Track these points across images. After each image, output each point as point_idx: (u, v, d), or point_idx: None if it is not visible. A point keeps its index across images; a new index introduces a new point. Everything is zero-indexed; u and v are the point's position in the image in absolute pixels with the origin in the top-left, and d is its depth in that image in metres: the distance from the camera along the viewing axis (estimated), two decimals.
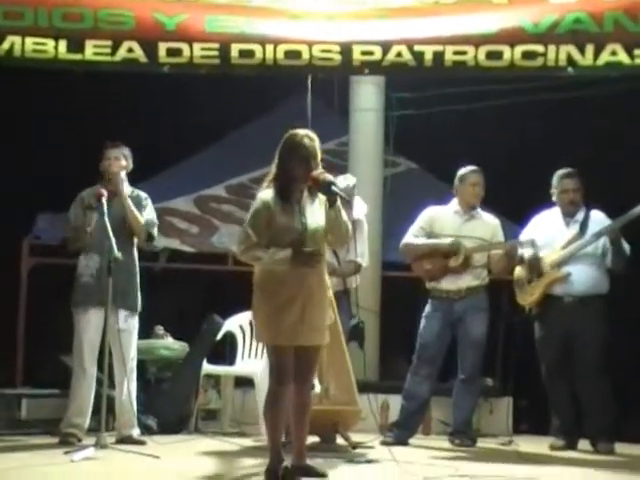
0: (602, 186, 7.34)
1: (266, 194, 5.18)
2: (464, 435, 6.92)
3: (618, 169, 8.99)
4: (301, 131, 5.25)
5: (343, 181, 6.55)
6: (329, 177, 5.16)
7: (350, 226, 5.31)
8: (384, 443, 6.73)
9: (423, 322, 7.00)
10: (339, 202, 5.16)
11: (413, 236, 7.04)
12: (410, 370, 7.00)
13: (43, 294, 8.95)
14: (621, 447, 6.71)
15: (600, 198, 7.00)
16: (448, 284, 6.92)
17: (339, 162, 8.97)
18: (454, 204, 7.06)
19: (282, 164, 5.20)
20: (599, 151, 9.12)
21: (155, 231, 6.81)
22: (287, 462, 5.14)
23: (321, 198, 5.20)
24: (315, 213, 5.20)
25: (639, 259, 6.77)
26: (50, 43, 6.50)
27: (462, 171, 7.03)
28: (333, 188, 5.14)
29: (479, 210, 7.09)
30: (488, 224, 7.04)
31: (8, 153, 9.24)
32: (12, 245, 9.10)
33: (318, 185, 5.15)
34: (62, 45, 6.51)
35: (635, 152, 8.82)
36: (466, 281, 6.91)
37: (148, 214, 6.75)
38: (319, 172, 5.16)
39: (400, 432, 6.93)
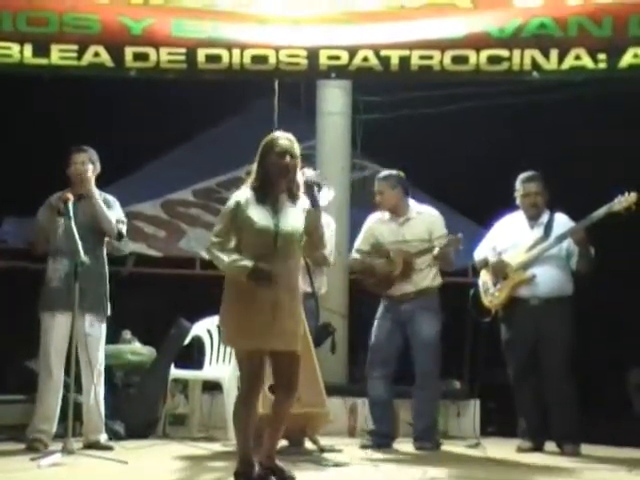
0: (567, 189, 7.39)
1: (241, 193, 5.19)
2: (426, 441, 6.87)
3: (583, 172, 9.05)
4: (280, 133, 5.27)
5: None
6: (313, 177, 5.24)
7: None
8: (363, 447, 6.73)
9: (375, 323, 7.04)
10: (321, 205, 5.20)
11: (357, 251, 7.09)
12: (365, 373, 7.04)
13: (8, 298, 8.88)
14: (587, 449, 6.75)
15: (564, 201, 7.04)
16: (396, 291, 6.94)
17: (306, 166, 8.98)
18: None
19: (259, 164, 5.21)
20: (566, 154, 9.17)
21: (124, 229, 6.78)
22: (256, 466, 5.13)
23: (302, 203, 5.22)
24: (292, 216, 5.17)
25: (602, 262, 6.82)
26: (15, 48, 6.47)
27: None
28: (314, 187, 5.23)
29: (412, 209, 7.02)
30: (424, 222, 6.97)
31: None
32: None
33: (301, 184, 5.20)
34: (27, 50, 6.49)
35: (598, 155, 8.88)
36: (413, 285, 6.91)
37: (117, 214, 6.74)
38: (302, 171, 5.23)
39: (376, 438, 6.91)
